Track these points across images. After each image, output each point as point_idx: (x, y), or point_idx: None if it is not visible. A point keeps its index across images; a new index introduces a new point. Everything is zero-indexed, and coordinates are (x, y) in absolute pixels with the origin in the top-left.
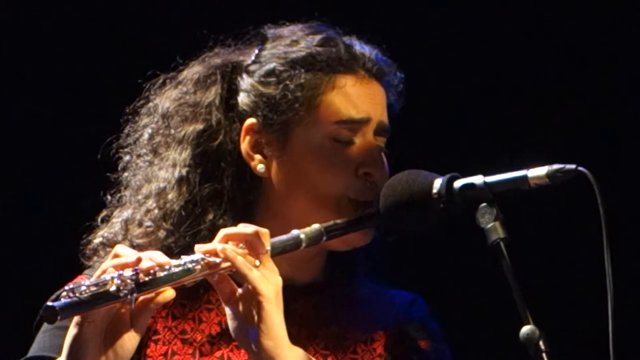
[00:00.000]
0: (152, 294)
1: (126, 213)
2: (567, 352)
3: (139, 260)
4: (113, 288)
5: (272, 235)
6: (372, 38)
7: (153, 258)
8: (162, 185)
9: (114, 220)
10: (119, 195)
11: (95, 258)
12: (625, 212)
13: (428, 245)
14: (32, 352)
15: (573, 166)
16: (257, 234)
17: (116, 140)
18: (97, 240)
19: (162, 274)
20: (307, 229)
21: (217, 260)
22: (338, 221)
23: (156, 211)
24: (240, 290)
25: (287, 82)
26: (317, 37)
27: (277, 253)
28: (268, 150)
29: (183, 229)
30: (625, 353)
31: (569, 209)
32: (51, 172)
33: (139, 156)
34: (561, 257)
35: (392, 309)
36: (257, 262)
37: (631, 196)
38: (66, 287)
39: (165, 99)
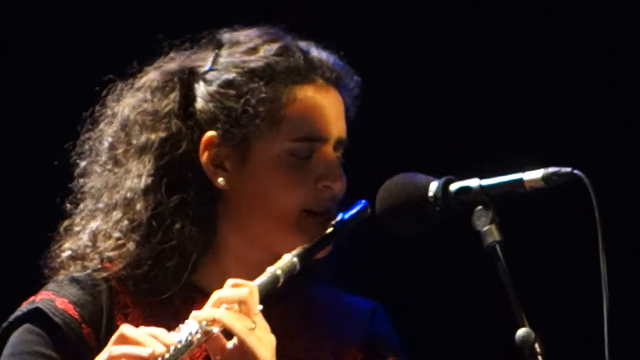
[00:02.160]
0: None
1: (93, 224)
2: (563, 355)
3: (152, 354)
4: None
5: (235, 249)
6: (329, 43)
7: (158, 338)
8: (128, 195)
9: (76, 229)
10: (82, 204)
11: (62, 272)
12: (621, 215)
13: (428, 245)
14: None
15: (569, 169)
16: (251, 295)
17: (73, 147)
18: (65, 254)
19: (168, 355)
20: (282, 264)
21: (215, 329)
22: (306, 246)
23: (125, 222)
24: (229, 345)
25: (248, 97)
26: (275, 46)
27: (260, 298)
28: (228, 164)
29: (152, 239)
30: (621, 356)
31: (564, 212)
32: (5, 178)
33: (99, 164)
34: (557, 260)
35: (356, 319)
36: (252, 325)
37: (627, 199)
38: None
39: (124, 107)
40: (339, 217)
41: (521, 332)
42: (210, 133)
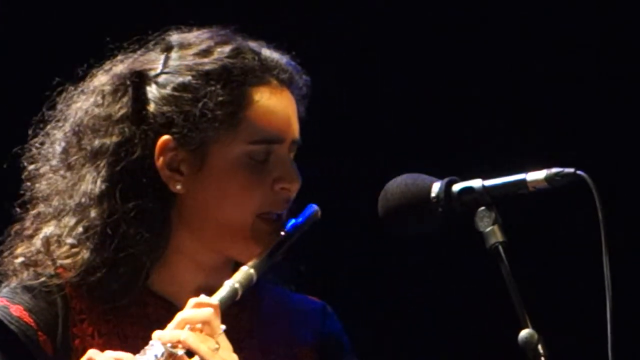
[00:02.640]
0: None
1: (46, 229)
2: (566, 356)
3: None
4: None
5: (188, 254)
6: (280, 44)
7: None
8: (82, 201)
9: (27, 232)
10: (33, 208)
11: (15, 278)
12: (624, 215)
13: (430, 246)
14: None
15: (572, 170)
16: (214, 315)
17: (22, 151)
18: (18, 260)
19: None
20: (240, 277)
21: (180, 352)
22: (261, 255)
23: (79, 229)
24: None
25: (206, 100)
26: (228, 48)
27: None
28: (184, 168)
29: (107, 246)
30: (624, 357)
31: (567, 212)
32: None
33: (50, 168)
34: (560, 260)
35: (307, 319)
36: (216, 345)
37: (630, 200)
38: None
39: (75, 111)
40: (291, 223)
41: (524, 333)
42: (166, 137)
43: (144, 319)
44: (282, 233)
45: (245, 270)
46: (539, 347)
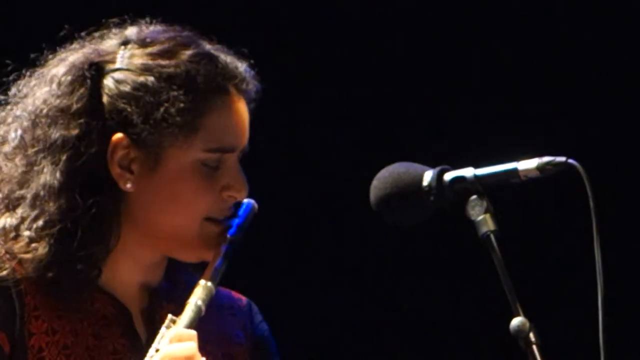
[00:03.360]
0: None
1: (2, 220)
2: (558, 344)
3: None
4: None
5: (134, 252)
6: (238, 49)
7: None
8: (41, 193)
9: None
10: None
11: None
12: (616, 204)
13: (413, 237)
14: None
15: (563, 159)
16: (196, 350)
17: None
18: None
19: None
20: (201, 293)
21: None
22: (214, 266)
23: (40, 223)
24: None
25: (167, 105)
26: (190, 52)
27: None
28: (136, 167)
29: (65, 241)
30: (615, 345)
31: (559, 201)
32: None
33: (4, 155)
34: (551, 249)
35: (236, 315)
36: None
37: (622, 189)
38: None
39: (33, 99)
40: (235, 223)
41: (516, 321)
42: (119, 135)
43: (93, 315)
44: (228, 237)
45: (204, 285)
46: (531, 335)
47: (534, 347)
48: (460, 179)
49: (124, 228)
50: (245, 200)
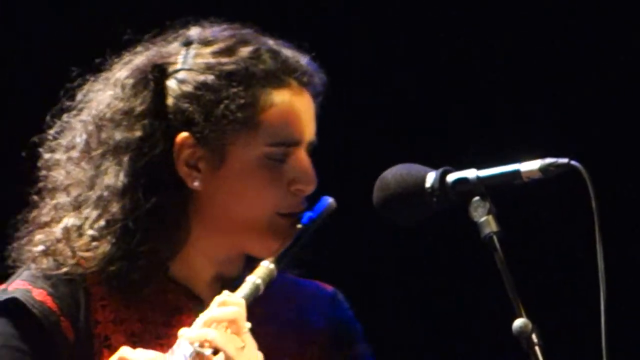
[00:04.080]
0: None
1: (66, 220)
2: (560, 345)
3: None
4: None
5: (205, 249)
6: (300, 43)
7: None
8: (105, 194)
9: (44, 219)
10: (51, 197)
11: (35, 265)
12: (618, 205)
13: (415, 241)
14: None
15: (566, 160)
16: (240, 314)
17: (41, 140)
18: (38, 249)
19: None
20: (261, 272)
21: (208, 351)
22: (281, 248)
23: (101, 222)
24: None
25: (227, 102)
26: (250, 48)
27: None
28: (202, 165)
29: (127, 240)
30: (618, 346)
31: (561, 202)
32: None
33: (70, 159)
34: (554, 250)
35: (317, 305)
36: (242, 344)
37: (624, 190)
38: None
39: (97, 103)
40: (307, 216)
41: (518, 322)
42: (184, 134)
43: (164, 305)
44: (299, 226)
45: (266, 266)
46: (533, 336)
47: (536, 348)
48: (462, 181)
49: (194, 226)
50: (325, 197)
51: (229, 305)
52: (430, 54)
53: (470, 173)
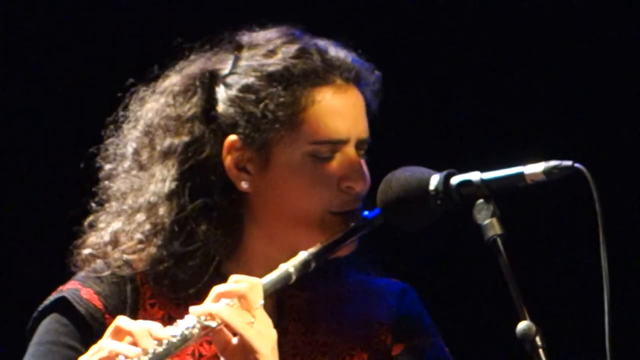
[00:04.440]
0: None
1: (115, 224)
2: (564, 348)
3: (138, 355)
4: None
5: (260, 250)
6: (347, 41)
7: (152, 332)
8: (152, 199)
9: (100, 225)
10: (107, 204)
11: (86, 267)
12: (622, 208)
13: (421, 241)
14: None
15: (569, 163)
16: (251, 290)
17: (98, 150)
18: (86, 251)
19: (161, 349)
20: (296, 261)
21: (213, 324)
22: (325, 243)
23: (147, 226)
24: (234, 341)
25: (267, 101)
26: (293, 48)
27: (268, 294)
28: (251, 167)
29: (174, 242)
30: (622, 349)
31: (565, 205)
32: (36, 180)
33: (123, 168)
34: (558, 253)
35: (384, 301)
36: (252, 319)
37: (628, 193)
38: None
39: (147, 111)
40: (362, 216)
41: (522, 325)
42: (232, 137)
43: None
44: (352, 224)
45: (304, 257)
46: (537, 339)
47: (540, 351)
48: (466, 183)
49: (248, 226)
50: None
51: (241, 282)
52: (433, 55)
53: (474, 175)
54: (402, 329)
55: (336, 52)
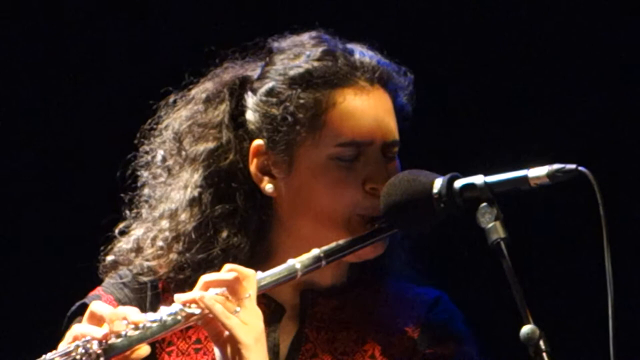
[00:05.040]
0: (127, 353)
1: (139, 231)
2: (568, 352)
3: (105, 337)
4: (77, 358)
5: (288, 254)
6: (374, 43)
7: (127, 317)
8: (174, 206)
9: (130, 232)
10: (136, 211)
11: (110, 273)
12: (626, 211)
13: (430, 245)
14: None
15: (573, 166)
16: (237, 279)
17: (133, 159)
18: (109, 258)
19: (135, 333)
20: (304, 257)
21: (196, 311)
22: (340, 242)
23: (169, 232)
24: (227, 332)
25: (287, 104)
26: (318, 50)
27: (270, 287)
28: (275, 171)
29: (195, 249)
30: (626, 352)
31: (569, 208)
32: (73, 188)
33: (154, 175)
34: (562, 257)
35: (414, 310)
36: (238, 308)
37: (632, 196)
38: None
39: (176, 119)
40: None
41: (526, 329)
42: (258, 142)
43: None
44: (376, 225)
45: (315, 254)
46: (541, 342)
47: (544, 354)
48: (470, 186)
49: (275, 231)
50: None
51: (230, 271)
52: (436, 60)
53: (478, 179)
54: (429, 336)
55: (362, 54)
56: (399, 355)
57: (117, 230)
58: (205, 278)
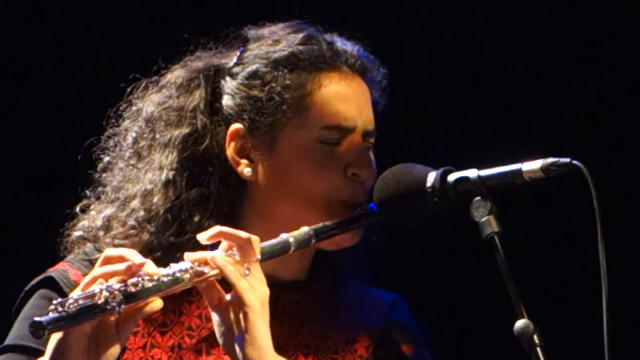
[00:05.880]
0: (141, 304)
1: (109, 210)
2: (561, 346)
3: (129, 269)
4: (101, 301)
5: (260, 239)
6: (354, 34)
7: (143, 267)
8: (148, 187)
9: (93, 212)
10: (101, 189)
11: (75, 249)
12: (620, 205)
13: (419, 238)
14: (11, 339)
15: (567, 160)
16: (250, 240)
17: (97, 142)
18: (77, 233)
19: (150, 285)
20: (296, 233)
21: (206, 270)
22: (327, 223)
23: (141, 212)
24: (228, 297)
25: (273, 84)
26: (299, 36)
27: (266, 258)
28: (255, 154)
29: (167, 231)
30: (619, 347)
31: (563, 202)
32: (34, 170)
33: (121, 158)
34: (556, 251)
35: (374, 309)
36: (247, 271)
37: (626, 190)
38: (54, 302)
39: (148, 103)
40: (369, 207)
41: (520, 323)
42: (236, 125)
43: (202, 299)
44: (359, 209)
45: (305, 231)
46: (535, 337)
47: (538, 349)
48: (464, 180)
49: (249, 217)
50: None
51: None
52: (430, 52)
53: (472, 172)
54: (387, 336)
55: (342, 42)
56: (361, 352)
57: (78, 208)
58: (219, 228)
